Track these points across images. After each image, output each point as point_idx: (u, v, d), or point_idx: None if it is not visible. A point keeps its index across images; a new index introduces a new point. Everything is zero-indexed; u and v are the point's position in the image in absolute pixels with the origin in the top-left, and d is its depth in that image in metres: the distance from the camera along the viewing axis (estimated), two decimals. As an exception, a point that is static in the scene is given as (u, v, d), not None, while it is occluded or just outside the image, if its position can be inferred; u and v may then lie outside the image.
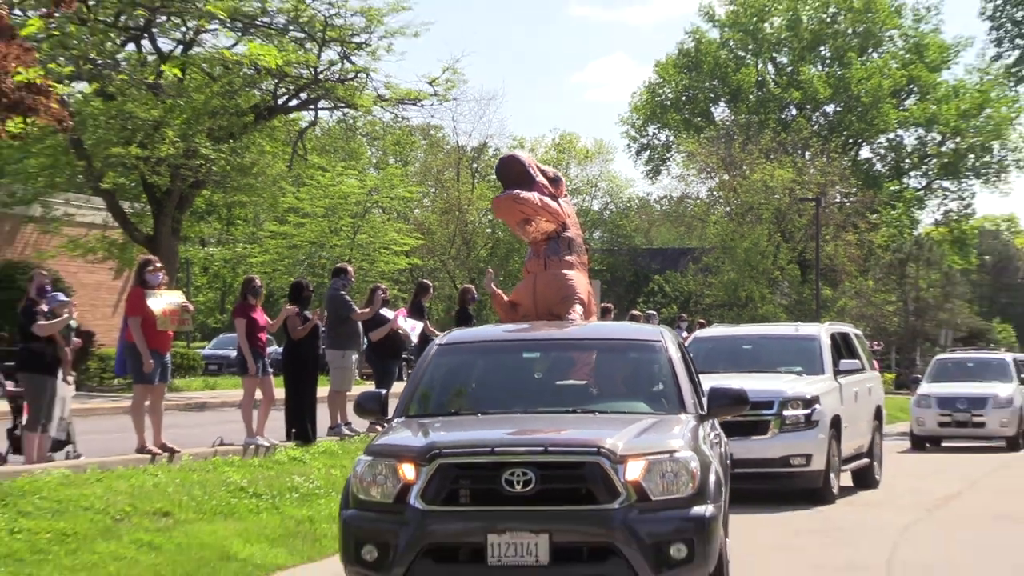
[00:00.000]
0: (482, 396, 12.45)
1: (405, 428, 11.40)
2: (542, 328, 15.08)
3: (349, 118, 53.41)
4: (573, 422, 11.52)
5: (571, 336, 14.12)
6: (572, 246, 17.49)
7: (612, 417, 11.57)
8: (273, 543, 15.34)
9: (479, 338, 14.04)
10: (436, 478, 10.31)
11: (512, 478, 10.18)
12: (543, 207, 17.05)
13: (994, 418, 33.52)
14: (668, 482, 10.33)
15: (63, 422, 19.24)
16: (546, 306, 16.86)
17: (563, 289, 16.97)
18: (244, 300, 22.14)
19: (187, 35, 45.75)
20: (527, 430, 11.29)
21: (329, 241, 59.59)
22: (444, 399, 12.38)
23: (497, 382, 12.73)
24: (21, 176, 44.85)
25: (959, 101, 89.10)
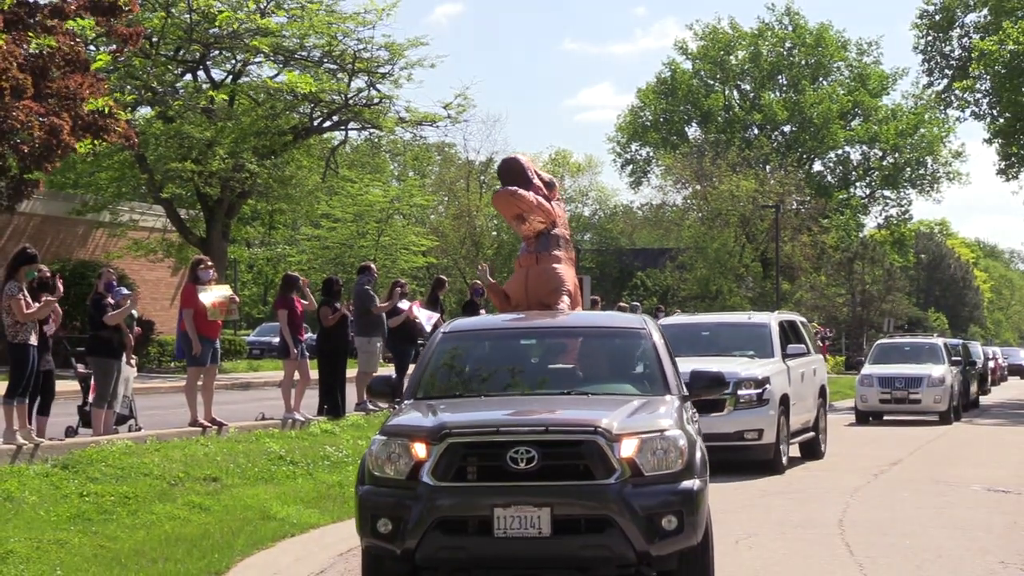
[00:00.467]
0: (484, 379, 11.71)
1: (415, 409, 10.71)
2: (537, 317, 14.32)
3: (374, 137, 53.12)
4: (569, 403, 10.98)
5: (564, 324, 13.46)
6: (561, 243, 16.62)
7: (604, 398, 11.05)
8: (307, 505, 15.23)
9: (480, 326, 13.41)
10: (446, 456, 9.74)
11: (516, 456, 9.64)
12: (537, 206, 16.31)
13: (928, 395, 33.17)
14: (659, 458, 9.84)
15: (126, 399, 19.17)
16: (537, 297, 16.07)
17: (552, 281, 16.16)
18: (285, 293, 22.12)
19: (236, 67, 45.91)
20: (528, 411, 10.70)
21: (357, 243, 59.49)
22: (449, 382, 11.69)
23: (497, 367, 12.01)
24: (93, 187, 45.12)
25: (897, 122, 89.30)
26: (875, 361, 35.60)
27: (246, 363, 46.44)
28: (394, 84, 46.09)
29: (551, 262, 16.32)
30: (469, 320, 14.40)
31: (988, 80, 52.35)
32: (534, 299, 16.04)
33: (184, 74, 46.15)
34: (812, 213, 73.40)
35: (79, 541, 12.08)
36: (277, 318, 22.49)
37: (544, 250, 16.33)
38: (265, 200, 49.30)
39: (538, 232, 16.46)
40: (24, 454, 15.84)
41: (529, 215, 16.27)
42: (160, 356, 41.47)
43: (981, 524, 15.13)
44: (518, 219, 16.42)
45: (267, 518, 14.15)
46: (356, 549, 13.03)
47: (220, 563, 11.71)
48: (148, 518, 13.51)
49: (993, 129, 53.89)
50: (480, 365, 12.03)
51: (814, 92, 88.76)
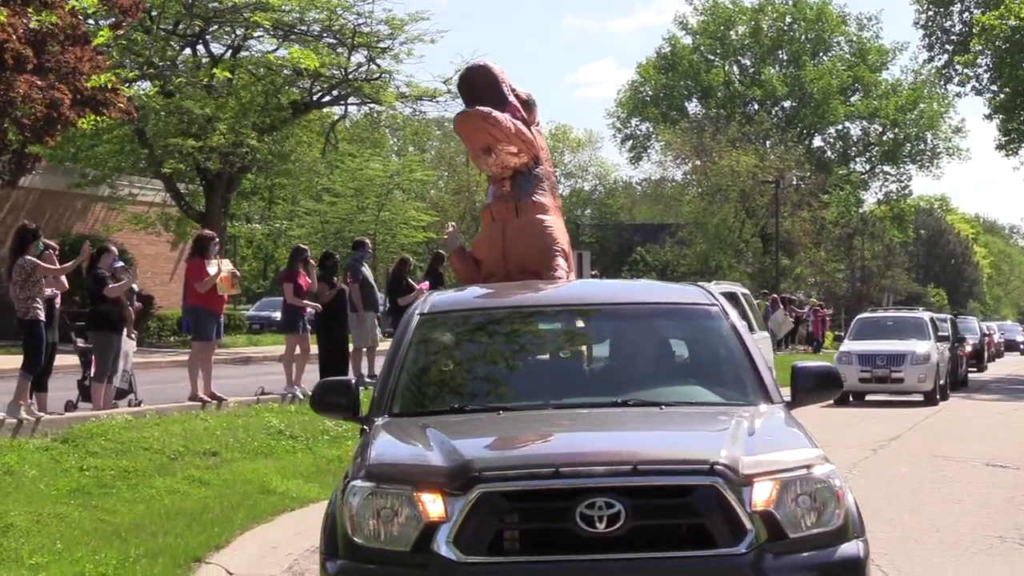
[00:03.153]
0: (495, 384, 8.16)
1: (403, 434, 7.29)
2: (554, 288, 10.17)
3: (374, 112, 53.02)
4: (644, 421, 7.47)
5: (599, 299, 9.29)
6: (546, 185, 12.68)
7: (688, 412, 7.72)
8: (307, 479, 15.23)
9: (475, 304, 9.14)
10: (476, 514, 6.37)
11: (590, 513, 6.28)
12: (516, 134, 12.24)
13: (912, 374, 31.08)
14: (806, 510, 6.59)
15: (126, 374, 19.17)
16: (519, 261, 12.22)
17: (541, 239, 12.26)
18: (292, 267, 22.14)
19: (235, 41, 45.77)
20: (589, 437, 7.23)
21: (357, 218, 59.39)
22: (442, 389, 8.20)
23: (511, 364, 8.40)
24: (93, 161, 45.05)
25: (897, 98, 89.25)
26: (855, 337, 33.46)
27: (246, 338, 46.42)
28: (394, 59, 46.04)
29: (536, 211, 12.44)
30: (455, 296, 9.81)
31: (989, 55, 52.27)
32: (515, 264, 12.26)
33: (184, 48, 46.06)
34: (812, 189, 73.40)
35: (79, 515, 12.08)
36: (282, 291, 22.43)
37: (525, 196, 12.45)
38: (265, 175, 49.30)
39: (515, 171, 12.51)
40: (25, 428, 15.86)
41: (503, 146, 12.32)
42: (160, 331, 41.45)
43: (980, 499, 15.15)
44: (487, 152, 12.44)
45: (267, 492, 14.14)
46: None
47: (220, 537, 11.71)
48: (148, 492, 13.50)
49: (994, 104, 53.84)
50: (485, 362, 8.47)
51: (814, 67, 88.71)
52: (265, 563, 11.29)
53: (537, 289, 10.11)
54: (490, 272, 12.38)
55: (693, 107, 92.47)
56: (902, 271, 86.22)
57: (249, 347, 41.66)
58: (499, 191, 12.66)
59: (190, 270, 19.89)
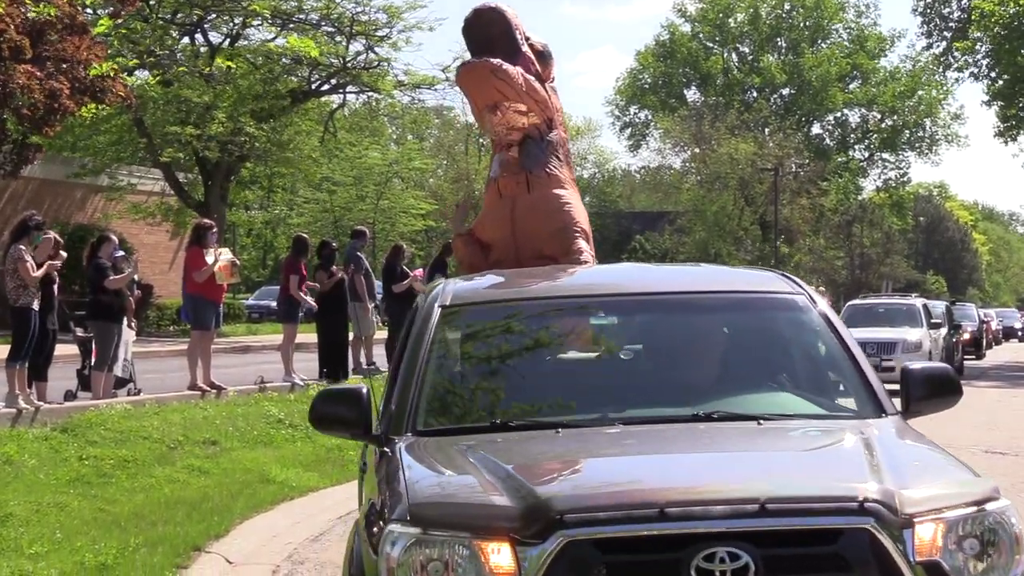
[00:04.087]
0: (538, 393, 6.53)
1: (443, 460, 5.78)
2: (602, 276, 8.37)
3: (373, 100, 53.05)
4: (747, 441, 5.93)
5: (659, 288, 7.42)
6: (561, 153, 11.01)
7: (795, 428, 6.24)
8: (306, 468, 15.22)
9: (506, 295, 7.41)
10: (559, 568, 4.95)
11: (711, 566, 4.90)
12: (529, 92, 10.55)
13: (903, 363, 30.26)
14: (977, 557, 5.15)
15: (125, 363, 19.17)
16: (532, 244, 10.65)
17: (557, 217, 10.67)
18: (296, 256, 22.16)
19: (234, 29, 45.74)
20: (692, 465, 5.65)
21: (356, 206, 59.45)
22: (475, 399, 6.59)
23: (556, 367, 6.83)
24: (91, 151, 45.02)
25: (895, 85, 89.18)
26: (846, 324, 32.10)
27: (245, 327, 46.44)
28: (392, 47, 45.99)
29: (551, 185, 10.82)
30: (479, 284, 7.88)
31: (987, 41, 52.19)
32: (528, 248, 10.70)
33: (182, 37, 46.02)
34: (811, 176, 73.35)
35: (78, 504, 12.08)
36: (284, 280, 22.40)
37: (537, 166, 10.77)
38: (264, 164, 49.29)
39: (524, 135, 10.80)
40: (24, 418, 15.87)
41: (512, 105, 10.60)
42: (159, 320, 41.46)
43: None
44: (492, 110, 10.70)
45: (266, 481, 14.14)
46: (356, 512, 13.06)
47: (219, 526, 11.71)
48: (147, 481, 13.50)
49: (992, 91, 53.74)
50: (527, 365, 6.87)
51: (813, 55, 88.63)
52: (264, 552, 11.29)
53: (577, 276, 8.38)
54: (498, 258, 10.68)
55: (692, 95, 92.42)
56: (901, 258, 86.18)
57: (248, 336, 41.66)
58: (505, 160, 10.95)
59: (189, 259, 19.88)
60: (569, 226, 10.77)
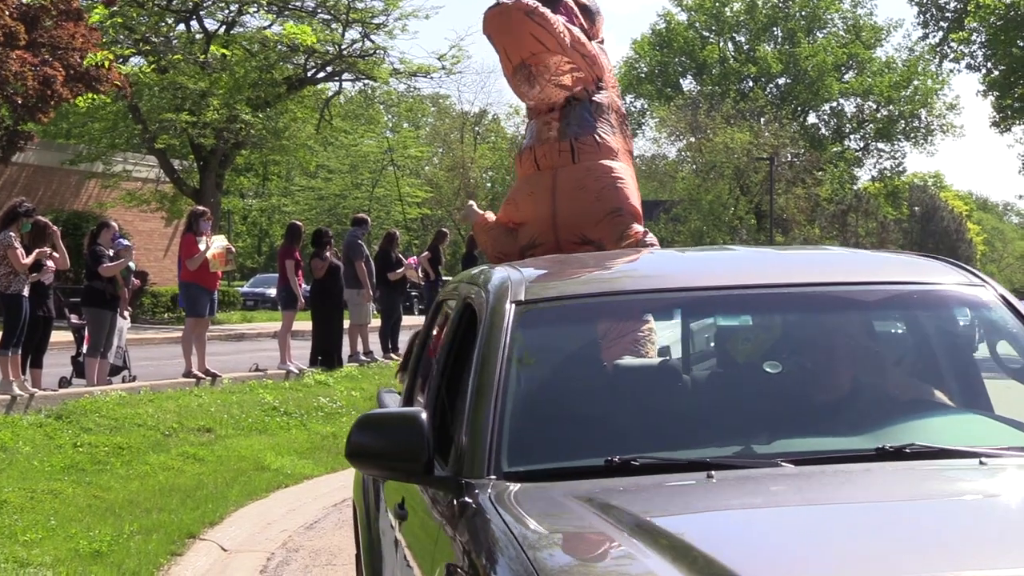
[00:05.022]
0: (660, 417, 4.96)
1: (567, 517, 4.11)
2: (716, 262, 6.18)
3: (369, 88, 53.14)
4: (994, 494, 4.32)
5: (806, 278, 5.46)
6: (614, 119, 9.29)
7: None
8: (301, 455, 15.21)
9: (601, 287, 5.62)
10: None
11: None
12: (574, 44, 8.86)
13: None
14: None
15: (120, 350, 19.15)
16: (576, 226, 8.95)
17: (609, 196, 8.92)
18: (291, 243, 22.15)
19: (230, 16, 45.64)
20: (959, 539, 3.71)
21: (352, 194, 59.46)
22: (579, 428, 4.80)
23: (679, 383, 5.46)
24: (86, 138, 45.01)
25: (891, 75, 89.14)
26: None
27: (240, 314, 46.38)
28: (388, 35, 45.89)
29: (602, 155, 9.06)
30: (550, 270, 6.09)
31: (983, 32, 52.22)
32: (570, 230, 9.01)
33: (178, 24, 45.94)
34: (806, 165, 73.34)
35: (73, 491, 12.07)
36: (281, 268, 22.37)
37: (585, 132, 9.04)
38: (259, 151, 49.22)
39: (569, 96, 9.10)
40: (18, 405, 15.84)
41: (550, 60, 8.75)
42: (154, 307, 41.43)
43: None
44: (524, 72, 8.81)
45: (261, 469, 14.14)
46: (350, 500, 13.04)
47: (214, 513, 11.71)
48: (142, 468, 13.49)
49: (988, 81, 53.81)
50: (640, 381, 5.50)
51: (809, 44, 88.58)
52: (259, 539, 11.29)
53: (678, 262, 6.32)
54: (533, 241, 9.14)
55: (688, 84, 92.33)
56: (896, 248, 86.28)
57: (243, 324, 41.62)
58: (544, 127, 9.23)
59: (183, 246, 19.85)
60: (623, 207, 8.85)
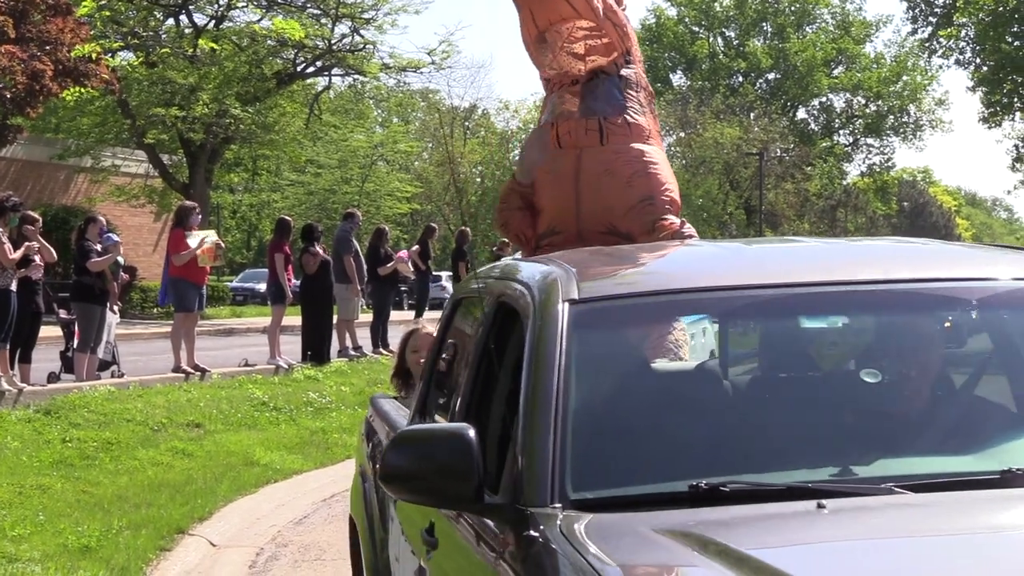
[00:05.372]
0: (744, 433, 4.23)
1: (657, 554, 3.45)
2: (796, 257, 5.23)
3: (358, 83, 53.00)
4: None
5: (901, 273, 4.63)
6: (643, 96, 8.40)
7: None
8: (290, 450, 15.20)
9: (668, 285, 4.68)
10: None
11: None
12: (607, 12, 7.98)
13: None
14: None
15: (109, 345, 19.13)
16: (602, 214, 8.01)
17: (641, 182, 8.03)
18: (280, 238, 22.13)
19: (219, 11, 45.57)
20: None
21: (341, 189, 59.37)
22: (655, 447, 4.10)
23: (760, 394, 4.71)
24: (75, 132, 44.91)
25: (880, 70, 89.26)
26: None
27: (229, 309, 46.35)
28: (378, 30, 45.86)
29: (633, 137, 8.12)
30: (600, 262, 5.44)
31: (972, 28, 52.26)
32: (595, 219, 8.04)
33: (167, 19, 45.85)
34: (796, 161, 73.44)
35: (61, 486, 12.05)
36: (270, 263, 22.34)
37: (613, 110, 8.11)
38: (248, 146, 49.15)
39: (595, 69, 8.19)
40: (7, 400, 15.81)
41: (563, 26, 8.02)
42: (143, 302, 41.38)
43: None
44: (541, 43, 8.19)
45: (250, 464, 14.12)
46: (339, 495, 13.06)
47: (203, 508, 11.70)
48: (131, 464, 13.47)
49: (977, 77, 53.84)
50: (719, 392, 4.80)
51: (798, 39, 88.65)
52: (248, 534, 11.29)
53: (742, 254, 5.40)
54: (551, 229, 8.21)
55: (678, 79, 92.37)
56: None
57: (232, 319, 41.60)
58: (560, 101, 8.34)
59: (171, 241, 19.81)
60: (655, 195, 7.92)
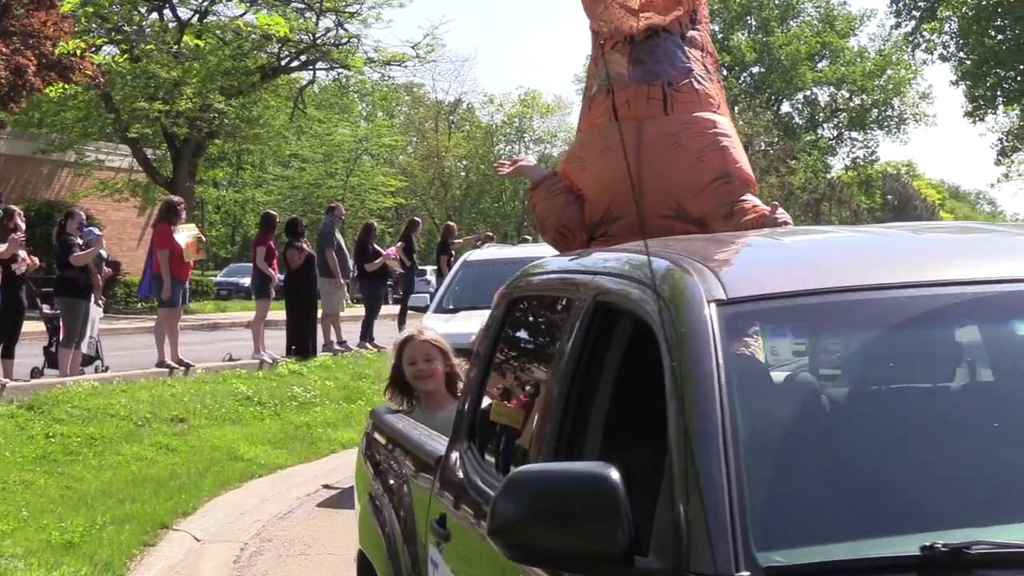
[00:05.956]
0: (980, 472, 3.13)
1: None
2: (972, 248, 4.07)
3: (343, 77, 52.95)
4: None
5: None
6: (710, 63, 7.24)
7: None
8: (275, 445, 15.18)
9: (838, 282, 3.55)
10: None
11: None
12: None
13: None
14: None
15: (93, 340, 19.09)
16: (668, 194, 6.78)
17: (713, 158, 6.92)
18: (266, 232, 22.12)
19: (203, 5, 45.47)
20: None
21: (325, 183, 59.38)
22: (859, 492, 3.07)
23: (993, 419, 3.32)
24: (59, 127, 44.79)
25: (864, 64, 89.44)
26: None
27: (213, 304, 46.26)
28: (362, 23, 45.73)
29: (702, 106, 7.01)
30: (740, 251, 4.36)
31: (956, 22, 52.37)
32: (661, 202, 6.75)
33: (151, 13, 45.74)
34: (780, 154, 73.55)
35: (45, 482, 12.03)
36: (254, 256, 22.32)
37: (679, 75, 6.93)
38: (233, 140, 49.07)
39: (655, 27, 6.96)
40: (-10, 395, 15.80)
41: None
42: (127, 297, 41.28)
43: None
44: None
45: (234, 459, 14.11)
46: (324, 490, 13.06)
47: (187, 503, 11.68)
48: (114, 459, 13.45)
49: (960, 71, 53.97)
50: (941, 421, 3.37)
51: (783, 33, 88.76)
52: (232, 529, 11.28)
53: (916, 241, 4.40)
54: (608, 215, 6.90)
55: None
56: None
57: (216, 313, 41.55)
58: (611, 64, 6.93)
59: (156, 236, 19.76)
60: (731, 171, 6.89)
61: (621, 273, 4.00)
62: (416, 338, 7.01)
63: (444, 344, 6.95)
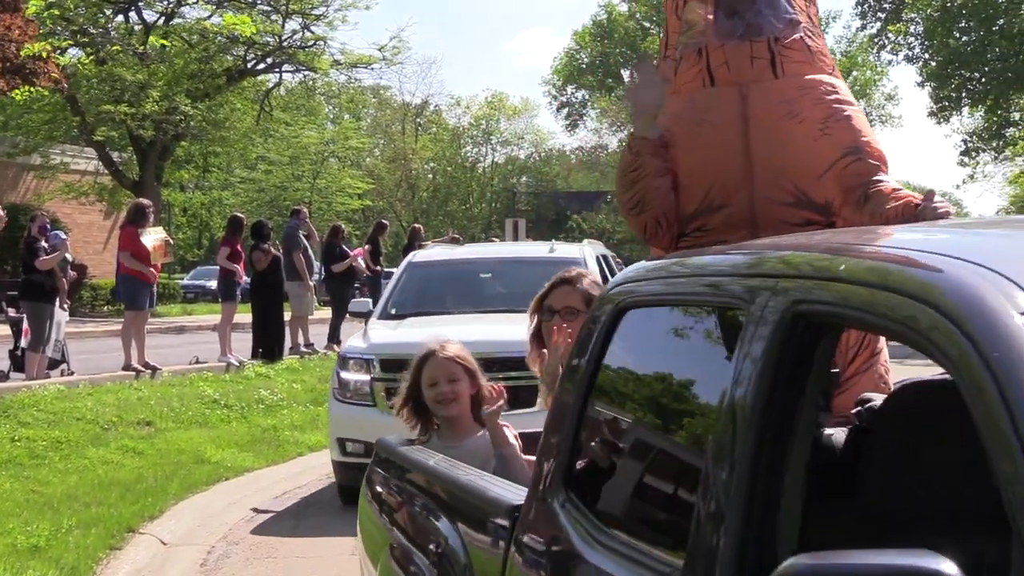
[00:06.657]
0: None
1: None
2: None
3: (309, 79, 52.99)
4: None
5: None
6: (813, 12, 6.24)
7: None
8: (242, 448, 15.17)
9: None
10: None
11: None
12: None
13: None
14: None
15: (58, 344, 19.03)
16: (785, 175, 5.55)
17: (839, 129, 5.66)
18: (233, 235, 22.12)
19: (169, 7, 45.37)
20: None
21: (292, 185, 59.23)
22: None
23: None
24: (23, 130, 44.60)
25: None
26: None
27: (180, 307, 46.16)
28: (328, 26, 45.76)
29: (815, 67, 5.95)
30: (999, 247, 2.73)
31: (921, 23, 52.62)
32: (773, 183, 5.61)
33: (116, 15, 45.60)
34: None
35: (11, 486, 12.00)
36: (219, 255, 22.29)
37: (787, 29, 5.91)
38: (199, 143, 48.99)
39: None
40: (-45, 399, 15.73)
41: None
42: (93, 300, 41.15)
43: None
44: None
45: (201, 462, 14.09)
46: (291, 492, 13.07)
47: (154, 507, 11.66)
48: (81, 463, 13.42)
49: (926, 72, 54.19)
50: None
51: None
52: (199, 532, 11.26)
53: None
54: (710, 202, 5.76)
55: (629, 75, 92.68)
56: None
57: (183, 316, 41.44)
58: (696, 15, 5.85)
59: (123, 239, 19.71)
60: (860, 146, 5.71)
61: (844, 278, 2.68)
62: (438, 354, 5.83)
63: (471, 362, 5.82)
